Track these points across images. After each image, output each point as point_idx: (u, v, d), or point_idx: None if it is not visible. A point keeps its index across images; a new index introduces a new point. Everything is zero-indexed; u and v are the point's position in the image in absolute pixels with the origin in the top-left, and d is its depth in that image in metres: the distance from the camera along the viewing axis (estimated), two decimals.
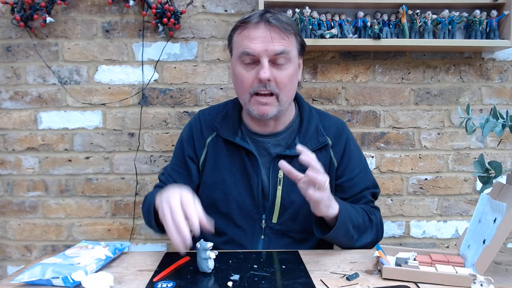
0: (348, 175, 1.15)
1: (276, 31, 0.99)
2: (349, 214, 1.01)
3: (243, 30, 1.01)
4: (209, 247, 0.85)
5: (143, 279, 0.85)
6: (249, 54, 0.99)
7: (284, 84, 1.02)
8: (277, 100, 1.03)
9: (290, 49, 1.01)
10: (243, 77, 1.03)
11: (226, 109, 1.18)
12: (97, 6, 1.53)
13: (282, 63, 1.01)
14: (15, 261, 1.64)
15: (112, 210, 1.62)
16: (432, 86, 1.59)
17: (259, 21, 0.99)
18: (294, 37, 1.04)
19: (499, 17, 1.45)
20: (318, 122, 1.15)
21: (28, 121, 1.58)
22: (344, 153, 1.15)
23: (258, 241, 1.10)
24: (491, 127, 0.84)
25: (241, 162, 1.11)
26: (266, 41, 0.98)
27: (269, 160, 1.11)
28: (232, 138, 1.11)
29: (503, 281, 0.83)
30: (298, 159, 1.04)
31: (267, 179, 1.11)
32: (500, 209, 0.83)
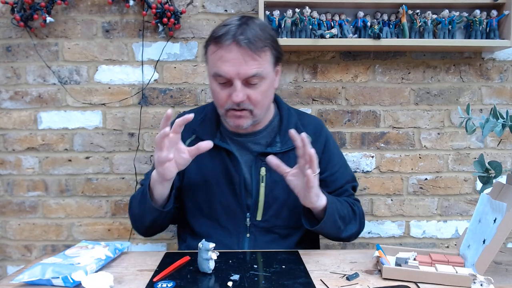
0: (330, 171, 1.18)
1: (248, 53, 0.99)
2: (336, 206, 1.05)
3: (217, 50, 1.01)
4: (211, 247, 0.85)
5: (143, 279, 0.85)
6: (221, 76, 1.01)
7: (258, 101, 1.04)
8: (251, 114, 1.06)
9: (263, 68, 1.02)
10: (218, 94, 1.05)
11: (205, 111, 1.20)
12: (97, 6, 1.53)
13: (256, 83, 1.02)
14: (15, 261, 1.64)
15: (112, 210, 1.62)
16: (432, 86, 1.59)
17: (231, 43, 0.98)
18: (269, 51, 1.03)
19: (499, 17, 1.45)
20: (297, 120, 1.18)
21: (28, 121, 1.58)
22: (324, 149, 1.19)
23: (243, 240, 1.11)
24: (491, 127, 0.84)
25: (222, 163, 1.12)
26: (238, 64, 0.99)
27: (251, 159, 1.13)
28: (211, 139, 1.11)
29: (503, 281, 0.83)
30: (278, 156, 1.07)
31: (249, 177, 1.12)
32: (500, 209, 0.83)
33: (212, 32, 1.04)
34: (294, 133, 0.95)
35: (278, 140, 1.14)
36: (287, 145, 1.13)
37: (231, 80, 1.01)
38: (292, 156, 1.12)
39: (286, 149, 1.12)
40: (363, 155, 1.61)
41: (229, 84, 1.02)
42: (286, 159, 1.11)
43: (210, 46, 1.05)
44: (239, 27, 1.00)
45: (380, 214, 1.64)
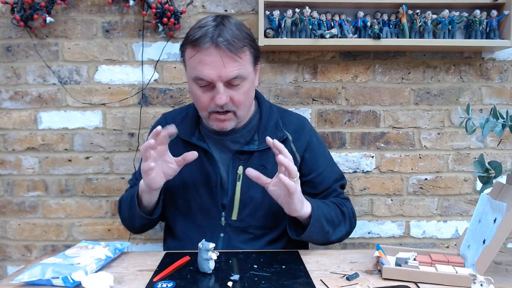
0: (316, 171, 1.16)
1: (227, 55, 0.97)
2: (322, 211, 1.03)
3: (196, 54, 0.99)
4: (211, 247, 0.85)
5: (143, 279, 0.85)
6: (203, 79, 1.00)
7: (241, 102, 1.04)
8: (235, 115, 1.05)
9: (244, 69, 1.01)
10: (200, 98, 1.04)
11: (187, 111, 1.19)
12: (97, 6, 1.53)
13: (238, 84, 1.01)
14: (15, 261, 1.64)
15: (112, 210, 1.62)
16: (432, 86, 1.59)
17: (210, 46, 0.97)
18: (248, 50, 1.02)
19: (499, 17, 1.45)
20: (278, 118, 1.17)
21: (28, 121, 1.58)
22: (307, 148, 1.17)
23: (217, 240, 1.11)
24: (491, 127, 0.84)
25: (200, 162, 1.11)
26: (218, 67, 0.97)
27: (229, 157, 1.13)
28: (188, 138, 1.13)
29: (503, 281, 0.83)
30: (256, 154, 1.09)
31: (226, 175, 1.12)
32: (500, 209, 0.83)
33: (188, 35, 1.02)
34: (270, 139, 0.93)
35: (256, 138, 1.12)
36: (265, 143, 1.11)
37: (212, 83, 1.00)
38: (271, 154, 1.08)
39: (264, 147, 1.10)
40: (363, 155, 1.61)
41: (210, 87, 1.01)
42: (265, 157, 1.11)
43: (187, 49, 1.02)
44: (216, 28, 0.98)
45: (380, 214, 1.64)
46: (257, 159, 1.11)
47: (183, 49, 1.05)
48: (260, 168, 1.09)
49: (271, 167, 1.10)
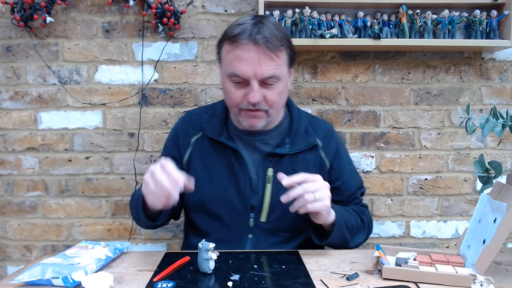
0: (342, 178, 1.18)
1: (265, 53, 0.97)
2: (344, 219, 1.05)
3: (233, 50, 0.99)
4: (211, 247, 0.85)
5: (143, 279, 0.85)
6: (238, 76, 0.99)
7: (274, 102, 1.03)
8: (266, 114, 1.05)
9: (280, 69, 1.01)
10: (232, 94, 1.03)
11: (213, 109, 1.19)
12: (97, 6, 1.53)
13: (272, 83, 1.01)
14: (15, 261, 1.64)
15: (112, 210, 1.62)
16: (432, 86, 1.59)
17: (248, 42, 0.97)
18: (285, 51, 1.02)
19: (499, 17, 1.45)
20: (307, 123, 1.17)
21: (28, 121, 1.58)
22: (335, 156, 1.18)
23: (245, 241, 1.10)
24: (491, 127, 0.84)
25: (228, 161, 1.11)
26: (255, 64, 0.97)
27: (259, 159, 1.12)
28: (217, 137, 1.12)
29: (503, 281, 0.83)
30: (286, 158, 1.09)
31: (256, 177, 1.11)
32: (500, 209, 0.83)
33: (226, 31, 1.02)
34: (281, 176, 0.95)
35: (287, 142, 1.12)
36: (297, 147, 1.12)
37: (247, 80, 0.99)
38: (301, 158, 1.12)
39: (295, 151, 1.11)
40: (363, 155, 1.61)
41: (244, 84, 1.01)
42: (294, 161, 1.12)
43: (224, 45, 1.03)
44: (255, 26, 0.98)
45: (380, 214, 1.64)
46: (287, 162, 1.11)
47: (220, 45, 1.05)
48: (290, 172, 1.09)
49: (301, 171, 1.10)
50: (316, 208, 0.94)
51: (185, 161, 1.16)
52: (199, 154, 1.14)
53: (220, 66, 1.08)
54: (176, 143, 1.18)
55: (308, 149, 1.13)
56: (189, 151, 1.16)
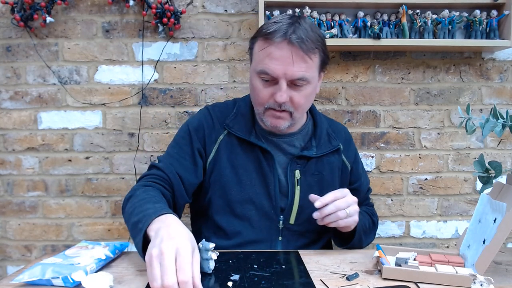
0: (360, 180, 1.22)
1: (298, 54, 0.96)
2: (362, 223, 1.08)
3: (267, 47, 0.97)
4: (211, 247, 0.85)
5: (143, 279, 0.85)
6: (268, 74, 0.98)
7: (300, 104, 1.02)
8: (291, 116, 1.04)
9: (310, 72, 0.99)
10: (259, 92, 1.02)
11: (237, 107, 1.15)
12: (97, 6, 1.53)
13: (301, 85, 1.00)
14: (15, 261, 1.64)
15: (112, 210, 1.62)
16: (432, 86, 1.59)
17: (283, 40, 0.95)
18: (318, 54, 1.00)
19: (499, 17, 1.45)
20: (328, 126, 1.18)
21: (28, 121, 1.58)
22: (355, 159, 1.21)
23: (276, 243, 1.10)
24: (491, 127, 0.84)
25: (257, 161, 1.09)
26: (286, 64, 0.96)
27: (286, 160, 1.11)
28: (247, 136, 1.09)
29: (503, 281, 0.83)
30: (313, 160, 1.10)
31: (284, 179, 1.10)
32: (500, 209, 0.83)
33: (262, 28, 1.01)
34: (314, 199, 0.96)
35: (313, 144, 1.12)
36: (322, 150, 1.12)
37: (276, 79, 0.98)
38: (326, 161, 1.13)
39: (321, 153, 1.11)
40: (363, 155, 1.61)
41: (273, 83, 0.99)
42: (320, 164, 1.12)
43: (258, 41, 1.01)
44: (291, 25, 0.97)
45: (380, 214, 1.63)
46: (314, 165, 1.11)
47: (253, 41, 1.04)
48: (316, 174, 1.11)
49: (327, 173, 1.13)
50: (347, 224, 0.97)
51: (210, 160, 1.10)
52: (226, 153, 1.10)
53: (251, 62, 1.06)
54: (202, 137, 1.11)
55: (331, 152, 1.14)
56: (215, 150, 1.10)
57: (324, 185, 1.11)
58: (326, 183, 1.11)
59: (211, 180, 1.10)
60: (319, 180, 1.11)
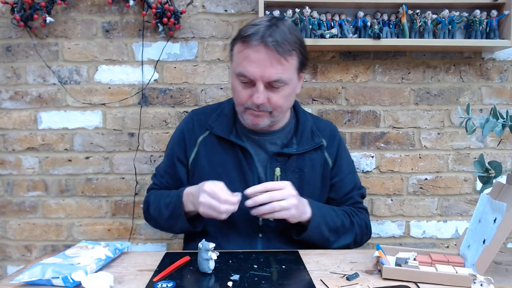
0: (339, 176, 1.20)
1: (274, 57, 0.98)
2: (325, 219, 1.06)
3: (244, 49, 1.00)
4: (211, 247, 0.85)
5: (143, 279, 0.85)
6: (245, 76, 1.01)
7: (279, 104, 1.04)
8: (270, 115, 1.06)
9: (287, 74, 1.01)
10: (239, 93, 1.05)
11: (221, 108, 1.19)
12: (97, 6, 1.53)
13: (278, 87, 1.02)
14: (15, 261, 1.64)
15: (112, 210, 1.62)
16: (432, 86, 1.59)
17: (259, 43, 0.97)
18: (296, 55, 1.03)
19: (499, 17, 1.45)
20: (313, 124, 1.19)
21: (28, 121, 1.58)
22: (337, 155, 1.20)
23: (256, 240, 1.11)
24: (491, 127, 0.84)
25: (236, 160, 1.12)
26: (263, 66, 0.98)
27: (266, 158, 1.13)
28: (226, 135, 1.13)
29: (503, 281, 0.83)
30: (293, 158, 1.10)
31: (264, 176, 1.12)
32: (500, 209, 0.83)
33: (240, 31, 1.03)
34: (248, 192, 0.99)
35: (294, 142, 1.14)
36: (303, 147, 1.13)
37: (254, 81, 1.00)
38: (307, 157, 1.14)
39: (302, 151, 1.13)
40: (363, 155, 1.61)
41: (251, 85, 1.02)
42: (301, 161, 1.13)
43: (237, 44, 1.04)
44: (269, 28, 0.99)
45: (380, 214, 1.64)
46: (294, 162, 1.12)
47: (233, 44, 1.06)
48: (297, 171, 1.12)
49: (308, 170, 1.13)
50: (282, 217, 0.98)
51: (191, 161, 1.16)
52: (206, 153, 1.15)
53: (231, 64, 1.09)
54: (182, 143, 1.18)
55: (314, 149, 1.15)
56: (195, 151, 1.16)
57: (305, 182, 1.13)
58: (307, 180, 1.13)
59: (194, 181, 1.14)
60: (300, 177, 1.12)
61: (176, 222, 1.08)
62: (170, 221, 1.10)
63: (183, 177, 1.18)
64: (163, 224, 1.15)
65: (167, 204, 1.09)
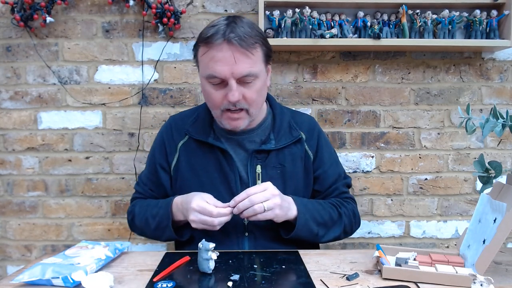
0: (322, 168, 1.20)
1: (239, 51, 0.98)
2: (312, 214, 1.06)
3: (208, 51, 1.00)
4: (211, 247, 0.85)
5: (143, 279, 0.85)
6: (216, 77, 1.00)
7: (253, 99, 1.04)
8: (248, 114, 1.06)
9: (255, 67, 1.02)
10: (212, 95, 1.04)
11: (198, 112, 1.20)
12: (97, 6, 1.53)
13: (250, 81, 1.02)
14: (15, 261, 1.64)
15: (112, 210, 1.62)
16: (432, 86, 1.59)
17: (222, 41, 0.97)
18: (260, 48, 1.03)
19: (499, 17, 1.45)
20: (290, 118, 1.19)
21: (28, 121, 1.58)
22: (317, 147, 1.20)
23: (243, 239, 1.11)
24: (491, 127, 0.84)
25: (217, 162, 1.12)
26: (231, 63, 0.98)
27: (246, 157, 1.14)
28: (204, 138, 1.13)
29: (503, 281, 0.83)
30: (273, 153, 1.11)
31: (245, 175, 1.12)
32: (500, 209, 0.83)
33: (201, 34, 1.03)
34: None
35: (272, 138, 1.14)
36: (281, 142, 1.14)
37: (225, 80, 1.00)
38: (287, 152, 1.14)
39: (281, 146, 1.13)
40: (363, 155, 1.61)
41: (223, 85, 1.02)
42: (281, 155, 1.13)
43: (200, 47, 1.03)
44: (228, 26, 0.99)
45: (380, 214, 1.64)
46: (274, 158, 1.13)
47: (196, 49, 1.06)
48: (278, 167, 1.12)
49: (289, 165, 1.14)
50: (266, 218, 0.98)
51: (173, 167, 1.17)
52: (186, 158, 1.15)
53: (198, 69, 1.09)
54: (163, 150, 1.19)
55: (293, 143, 1.15)
56: (176, 157, 1.16)
57: (287, 177, 1.13)
58: (288, 175, 1.13)
59: (177, 187, 1.16)
60: (282, 172, 1.13)
61: (163, 233, 1.09)
62: (157, 231, 1.11)
63: (166, 183, 1.18)
64: (149, 234, 1.15)
65: (154, 215, 1.10)
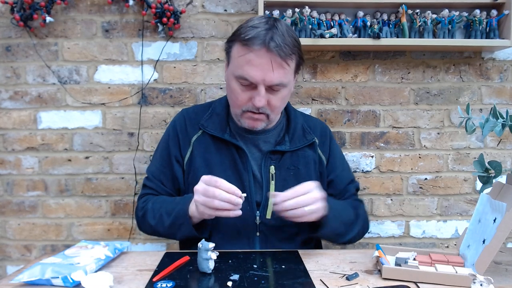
0: (335, 172, 1.21)
1: (276, 60, 0.98)
2: (339, 213, 1.06)
3: (245, 53, 0.99)
4: (211, 247, 0.85)
5: (142, 279, 0.85)
6: (247, 80, 1.00)
7: (277, 106, 1.05)
8: (267, 118, 1.07)
9: (287, 78, 1.02)
10: (238, 95, 1.04)
11: (213, 107, 1.19)
12: (97, 6, 1.53)
13: (279, 89, 1.03)
14: (15, 261, 1.63)
15: (111, 210, 1.62)
16: (432, 86, 1.59)
17: (261, 48, 0.97)
18: (295, 58, 1.03)
19: (499, 17, 1.45)
20: (303, 122, 1.20)
21: (27, 121, 1.58)
22: (330, 152, 1.22)
23: (254, 239, 1.10)
24: (491, 126, 0.84)
25: (231, 159, 1.12)
26: (265, 71, 0.98)
27: (260, 157, 1.14)
28: (220, 134, 1.13)
29: (503, 281, 0.83)
30: (287, 155, 1.11)
31: (259, 174, 1.12)
32: (500, 209, 0.83)
33: (240, 32, 1.01)
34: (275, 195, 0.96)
35: (286, 139, 1.15)
36: (296, 144, 1.14)
37: (255, 84, 1.00)
38: (301, 154, 1.15)
39: (295, 148, 1.14)
40: (363, 155, 1.61)
41: (251, 87, 1.02)
42: (294, 157, 1.14)
43: (236, 45, 1.02)
44: (269, 31, 0.98)
45: (380, 214, 1.64)
46: (288, 159, 1.13)
47: (230, 44, 1.05)
48: (292, 169, 1.13)
49: (302, 167, 1.14)
50: (311, 220, 0.98)
51: (186, 161, 1.16)
52: (200, 153, 1.14)
53: (228, 64, 1.08)
54: (176, 142, 1.18)
55: (307, 146, 1.16)
56: (189, 151, 1.16)
57: (301, 179, 1.11)
58: (302, 177, 1.12)
59: (189, 181, 1.14)
60: (295, 174, 1.13)
61: (179, 230, 1.05)
62: (171, 229, 1.07)
63: (179, 176, 1.17)
64: (161, 231, 1.11)
65: (169, 211, 1.07)
